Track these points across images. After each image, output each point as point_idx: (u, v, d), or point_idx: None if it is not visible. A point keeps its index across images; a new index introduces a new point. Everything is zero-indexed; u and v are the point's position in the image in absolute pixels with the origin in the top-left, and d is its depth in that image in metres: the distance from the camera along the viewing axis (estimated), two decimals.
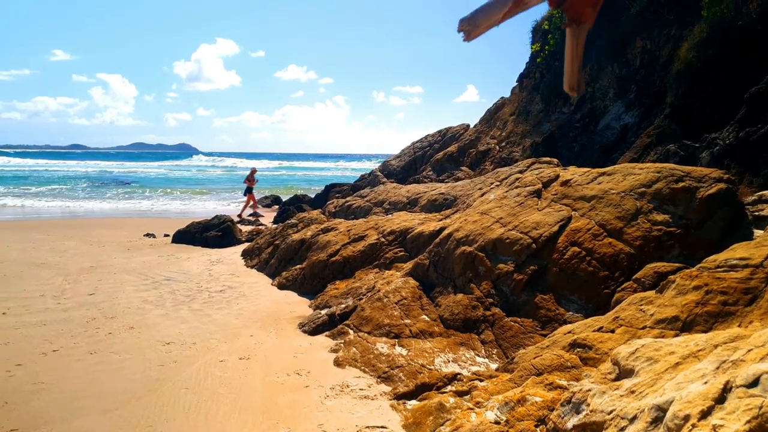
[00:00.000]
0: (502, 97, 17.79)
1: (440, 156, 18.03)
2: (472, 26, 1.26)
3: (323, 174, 65.43)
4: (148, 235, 15.22)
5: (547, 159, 8.16)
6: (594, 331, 4.16)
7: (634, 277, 4.92)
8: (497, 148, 14.72)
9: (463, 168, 15.44)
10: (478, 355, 5.17)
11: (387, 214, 9.63)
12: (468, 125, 19.65)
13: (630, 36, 12.00)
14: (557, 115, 13.24)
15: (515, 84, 16.62)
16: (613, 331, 4.01)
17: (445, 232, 6.93)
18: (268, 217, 20.92)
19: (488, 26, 1.27)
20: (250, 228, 15.97)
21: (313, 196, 26.31)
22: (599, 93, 12.32)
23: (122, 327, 6.69)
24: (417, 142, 21.01)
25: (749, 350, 2.50)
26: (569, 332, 4.45)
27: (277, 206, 27.00)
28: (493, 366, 4.94)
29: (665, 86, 10.53)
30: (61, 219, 19.54)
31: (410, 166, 20.06)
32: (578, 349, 4.01)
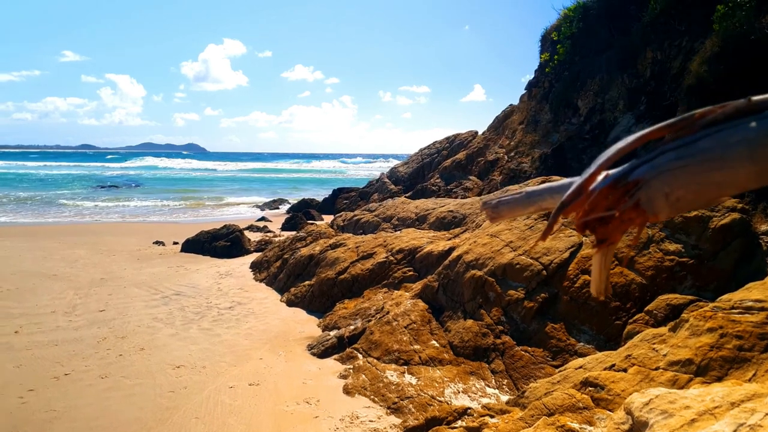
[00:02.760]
0: (511, 105, 17.72)
1: (448, 163, 18.00)
2: (496, 213, 1.26)
3: (331, 176, 65.60)
4: (157, 242, 15.30)
5: (557, 178, 8.10)
6: (606, 368, 4.13)
7: (645, 308, 4.88)
8: (506, 158, 14.67)
9: (471, 177, 15.40)
10: (488, 386, 5.15)
11: (395, 230, 9.61)
12: (476, 132, 19.60)
13: (640, 47, 11.92)
14: (566, 125, 13.17)
15: (524, 92, 16.55)
16: (625, 370, 3.98)
17: (455, 253, 6.91)
18: (276, 222, 20.94)
19: (511, 217, 1.27)
20: (258, 237, 16.00)
21: (320, 199, 26.43)
22: (609, 104, 12.24)
23: (133, 348, 6.72)
24: (425, 148, 20.99)
25: (767, 414, 2.47)
26: (580, 367, 4.42)
27: (285, 208, 27.18)
28: (504, 398, 4.91)
29: (676, 99, 10.45)
30: (71, 224, 19.67)
31: (418, 172, 20.05)
32: (590, 388, 3.98)
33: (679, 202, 0.81)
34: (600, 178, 0.94)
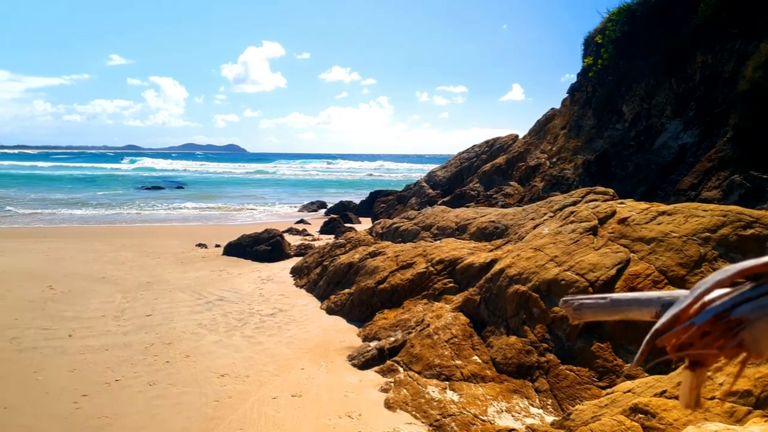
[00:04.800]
0: (553, 109, 17.44)
1: (488, 168, 17.84)
2: (577, 315, 1.25)
3: (368, 177, 65.89)
4: (199, 245, 15.66)
5: (602, 189, 7.94)
6: (656, 394, 4.01)
7: None
8: (548, 163, 14.43)
9: (512, 183, 15.22)
10: (532, 405, 5.07)
11: (435, 240, 9.58)
12: (516, 136, 19.36)
13: (689, 50, 11.55)
14: (610, 131, 12.86)
15: (566, 96, 16.26)
16: (678, 398, 3.86)
17: (497, 267, 6.83)
18: (314, 225, 21.14)
19: (594, 320, 1.26)
20: (297, 241, 16.19)
21: (358, 201, 26.63)
22: (656, 110, 11.90)
23: (179, 355, 6.89)
24: (463, 152, 20.86)
25: None
26: (629, 391, 4.31)
27: (323, 210, 27.54)
28: (549, 419, 4.84)
29: (728, 106, 10.08)
30: (118, 226, 20.33)
31: (456, 177, 19.94)
32: (640, 416, 3.87)
33: None
34: (695, 308, 0.91)
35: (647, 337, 0.97)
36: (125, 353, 6.93)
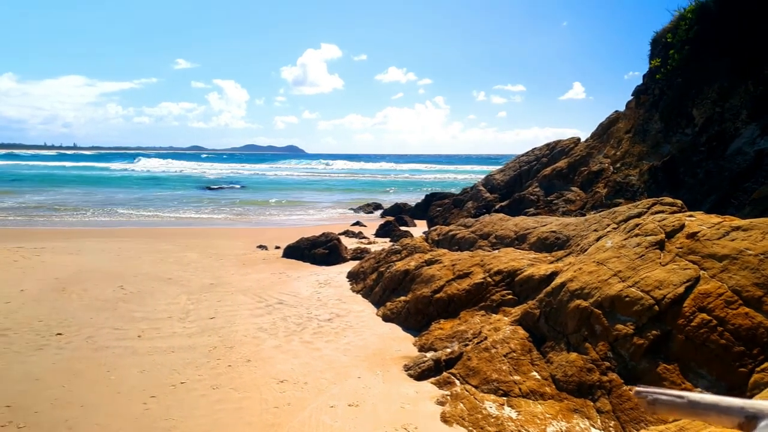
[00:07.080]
0: (616, 111, 16.85)
1: (548, 172, 17.43)
2: (651, 409, 1.22)
3: (424, 177, 65.80)
4: (260, 246, 16.10)
5: (670, 200, 7.60)
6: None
7: None
8: (611, 169, 13.95)
9: (574, 188, 14.80)
10: (594, 426, 4.93)
11: (493, 249, 9.45)
12: (578, 139, 18.82)
13: None
14: (679, 136, 12.29)
15: (631, 98, 15.67)
16: None
17: (558, 280, 6.67)
18: (370, 227, 21.34)
19: (667, 416, 1.24)
20: (354, 244, 16.37)
21: (413, 204, 26.69)
22: (729, 114, 11.28)
23: (240, 359, 7.11)
24: (523, 155, 20.47)
25: None
26: None
27: (378, 211, 27.81)
28: None
29: None
30: (184, 228, 21.19)
31: (515, 180, 19.59)
32: None
33: None
34: None
35: None
36: (190, 356, 7.21)
